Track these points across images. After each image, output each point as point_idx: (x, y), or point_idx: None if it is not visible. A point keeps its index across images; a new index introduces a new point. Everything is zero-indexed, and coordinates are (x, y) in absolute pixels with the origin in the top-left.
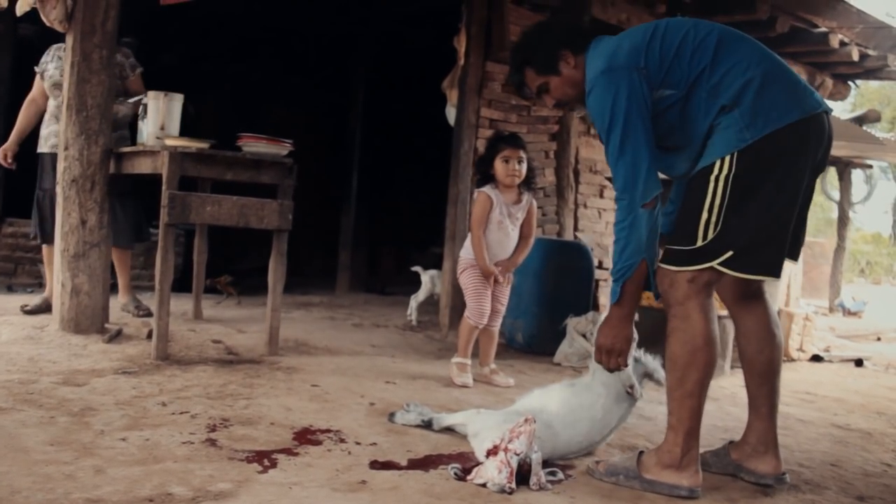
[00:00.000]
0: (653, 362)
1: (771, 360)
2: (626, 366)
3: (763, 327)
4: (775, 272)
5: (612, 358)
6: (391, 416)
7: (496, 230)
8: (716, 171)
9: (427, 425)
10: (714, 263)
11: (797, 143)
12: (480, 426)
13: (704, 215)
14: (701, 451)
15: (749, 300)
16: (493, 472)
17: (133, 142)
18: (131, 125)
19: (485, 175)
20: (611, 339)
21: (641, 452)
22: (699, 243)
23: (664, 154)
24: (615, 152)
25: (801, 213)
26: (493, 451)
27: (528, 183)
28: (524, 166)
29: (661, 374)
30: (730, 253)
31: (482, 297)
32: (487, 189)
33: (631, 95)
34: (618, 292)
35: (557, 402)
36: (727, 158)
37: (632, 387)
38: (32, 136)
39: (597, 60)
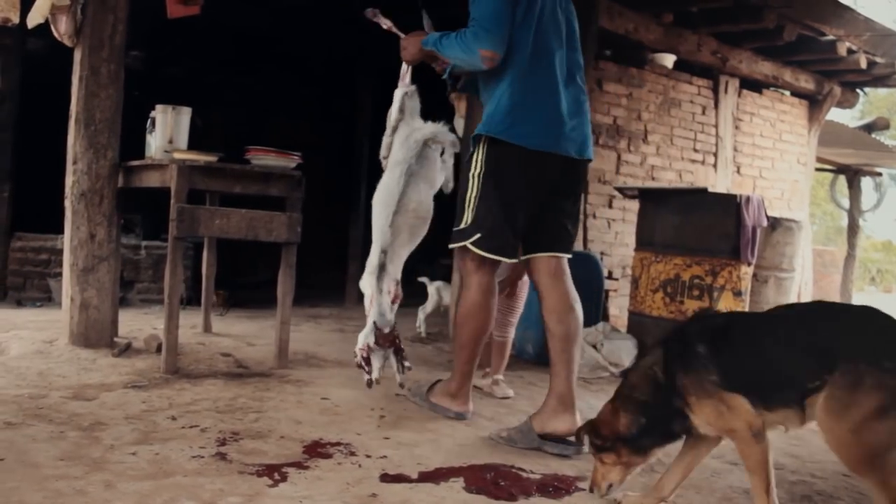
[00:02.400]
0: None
1: (569, 329)
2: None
3: (564, 302)
4: (510, 256)
5: (405, 52)
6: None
7: None
8: (472, 170)
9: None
10: (467, 242)
11: (535, 168)
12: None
13: (466, 204)
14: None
15: (553, 279)
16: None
17: None
18: None
19: None
20: (411, 45)
21: (437, 381)
22: (462, 225)
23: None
24: (495, 13)
25: (555, 219)
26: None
27: None
28: None
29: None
30: (479, 234)
31: None
32: None
33: None
34: (432, 46)
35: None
36: (482, 154)
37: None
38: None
39: None
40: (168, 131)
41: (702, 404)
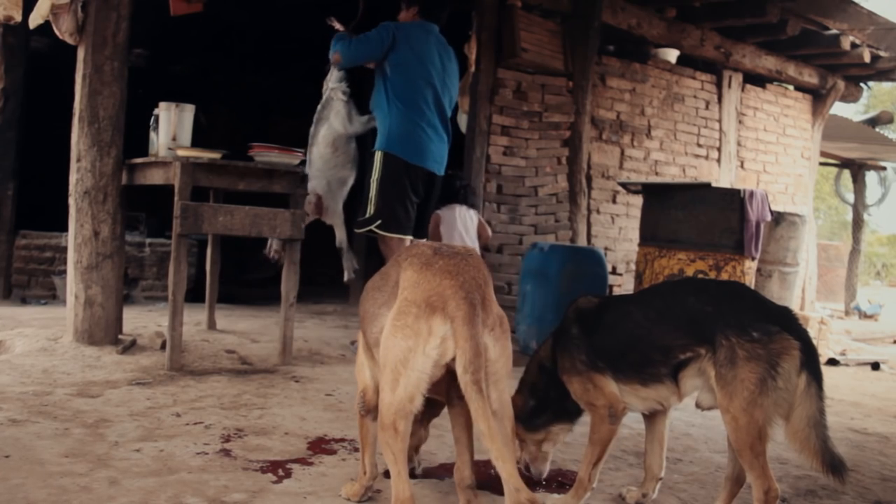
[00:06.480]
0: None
1: None
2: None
3: None
4: (405, 233)
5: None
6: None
7: None
8: (372, 175)
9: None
10: (373, 227)
11: (412, 174)
12: None
13: (368, 200)
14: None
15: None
16: None
17: None
18: None
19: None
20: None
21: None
22: (366, 216)
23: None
24: (364, 41)
25: (422, 216)
26: None
27: None
28: None
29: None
30: (380, 220)
31: None
32: None
33: (388, 36)
34: (337, 45)
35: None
36: (379, 164)
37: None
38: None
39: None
40: (171, 128)
41: (572, 381)
